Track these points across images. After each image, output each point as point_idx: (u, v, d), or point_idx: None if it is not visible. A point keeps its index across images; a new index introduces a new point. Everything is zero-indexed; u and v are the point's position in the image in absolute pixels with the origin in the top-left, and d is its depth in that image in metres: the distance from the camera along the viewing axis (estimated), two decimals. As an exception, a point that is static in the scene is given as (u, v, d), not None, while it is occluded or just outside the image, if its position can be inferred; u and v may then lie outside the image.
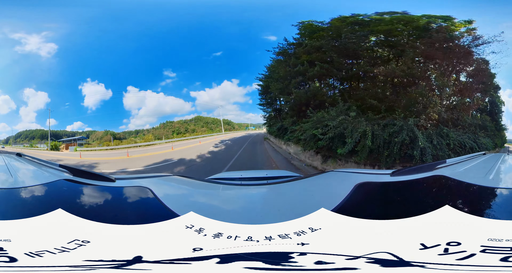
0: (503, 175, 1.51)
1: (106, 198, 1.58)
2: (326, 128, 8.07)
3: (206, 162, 11.03)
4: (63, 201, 1.40)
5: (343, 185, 1.55)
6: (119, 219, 1.27)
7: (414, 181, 1.54)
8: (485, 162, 1.85)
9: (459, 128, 8.76)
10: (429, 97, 8.93)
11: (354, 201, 1.39)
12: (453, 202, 1.25)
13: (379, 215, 1.21)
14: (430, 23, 8.86)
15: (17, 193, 1.40)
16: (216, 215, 1.26)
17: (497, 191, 1.34)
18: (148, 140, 13.86)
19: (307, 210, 1.26)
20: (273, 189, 1.85)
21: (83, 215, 1.21)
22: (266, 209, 1.46)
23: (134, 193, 1.63)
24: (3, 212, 1.23)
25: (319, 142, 8.14)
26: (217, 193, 1.77)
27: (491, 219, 1.09)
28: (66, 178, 1.63)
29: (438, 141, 7.63)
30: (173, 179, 2.05)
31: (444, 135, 7.89)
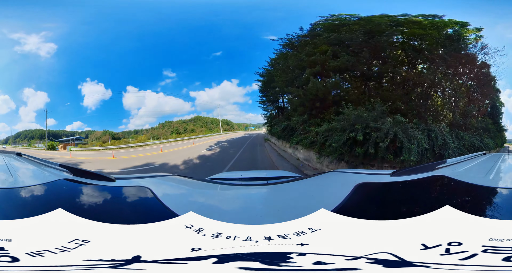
0: (504, 174, 1.51)
1: (105, 197, 1.58)
2: (366, 129, 6.87)
3: (191, 170, 9.22)
4: (63, 201, 1.40)
5: (343, 185, 1.55)
6: (119, 218, 1.26)
7: (415, 181, 1.54)
8: (485, 162, 1.85)
9: (470, 131, 9.25)
10: (449, 104, 9.21)
11: (355, 201, 1.39)
12: (454, 202, 1.24)
13: (380, 216, 1.20)
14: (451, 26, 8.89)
15: (17, 193, 1.40)
16: (215, 215, 1.25)
17: (497, 191, 1.34)
18: (141, 140, 13.73)
19: (307, 210, 1.26)
20: (273, 190, 1.84)
21: (83, 214, 1.21)
22: (266, 209, 1.45)
23: (134, 192, 1.63)
24: (4, 212, 1.23)
25: (358, 149, 6.88)
26: (216, 193, 1.77)
27: (491, 219, 1.09)
28: (66, 177, 1.63)
29: (458, 143, 8.10)
30: (173, 179, 2.04)
31: (460, 138, 8.43)
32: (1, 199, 1.36)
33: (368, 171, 2.52)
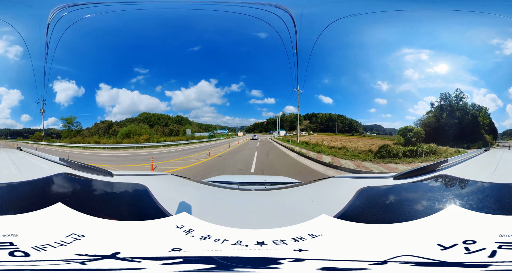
0: (507, 170, 1.48)
1: (102, 193, 1.58)
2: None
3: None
4: (63, 195, 1.42)
5: (344, 191, 1.51)
6: (113, 214, 1.26)
7: (419, 182, 1.51)
8: (487, 158, 1.81)
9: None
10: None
11: (358, 206, 1.35)
12: (460, 200, 1.23)
13: (388, 219, 1.17)
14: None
15: (18, 187, 1.42)
16: (209, 218, 1.23)
17: (502, 186, 1.31)
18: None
19: (307, 216, 1.22)
20: (271, 195, 1.80)
21: (79, 209, 1.21)
22: (262, 215, 1.42)
23: (131, 189, 1.63)
24: (7, 207, 1.24)
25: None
26: (213, 195, 1.74)
27: (497, 215, 1.09)
28: (65, 172, 1.65)
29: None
30: (171, 178, 2.03)
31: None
32: (3, 193, 1.37)
33: (369, 175, 2.49)
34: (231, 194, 1.77)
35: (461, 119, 10.70)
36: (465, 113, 10.63)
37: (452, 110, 10.75)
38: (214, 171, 9.30)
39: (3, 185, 1.39)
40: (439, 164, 1.65)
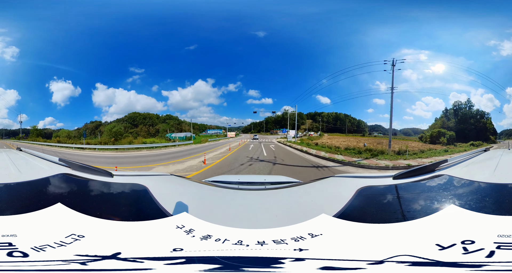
0: (507, 170, 1.48)
1: (102, 193, 1.57)
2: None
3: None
4: (62, 195, 1.41)
5: (344, 190, 1.51)
6: (113, 214, 1.26)
7: (419, 182, 1.51)
8: (487, 158, 1.80)
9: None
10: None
11: (358, 206, 1.35)
12: (459, 200, 1.23)
13: (387, 219, 1.17)
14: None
15: (17, 188, 1.41)
16: (209, 217, 1.23)
17: (501, 186, 1.31)
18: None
19: (307, 216, 1.22)
20: (271, 194, 1.80)
21: (79, 209, 1.21)
22: (262, 214, 1.42)
23: (130, 190, 1.62)
24: (6, 207, 1.24)
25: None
26: (213, 195, 1.74)
27: (497, 215, 1.09)
28: (65, 172, 1.64)
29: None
30: (171, 179, 2.02)
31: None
32: (3, 194, 1.36)
33: (369, 175, 2.48)
34: (231, 194, 1.77)
35: (475, 124, 13.80)
36: (477, 120, 13.87)
37: (466, 117, 13.88)
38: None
39: (2, 186, 1.38)
40: (439, 164, 1.65)
